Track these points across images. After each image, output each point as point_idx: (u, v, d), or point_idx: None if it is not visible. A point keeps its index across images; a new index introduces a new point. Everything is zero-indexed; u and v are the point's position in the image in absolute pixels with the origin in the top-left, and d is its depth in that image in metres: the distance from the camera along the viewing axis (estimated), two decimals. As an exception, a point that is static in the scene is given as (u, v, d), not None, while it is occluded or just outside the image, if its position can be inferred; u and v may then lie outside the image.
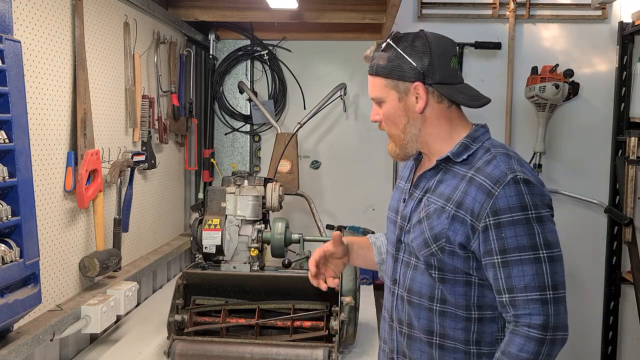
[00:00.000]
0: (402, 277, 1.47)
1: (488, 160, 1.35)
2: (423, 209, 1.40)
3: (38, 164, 1.72)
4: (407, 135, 1.42)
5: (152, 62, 2.68)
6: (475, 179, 1.32)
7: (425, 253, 1.38)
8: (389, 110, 1.42)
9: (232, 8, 3.15)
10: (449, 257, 1.35)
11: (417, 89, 1.37)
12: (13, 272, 1.47)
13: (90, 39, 2.04)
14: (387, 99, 1.41)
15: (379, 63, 1.40)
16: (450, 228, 1.33)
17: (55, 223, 1.84)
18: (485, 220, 1.29)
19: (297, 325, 2.03)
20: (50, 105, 1.80)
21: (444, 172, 1.41)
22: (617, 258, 3.42)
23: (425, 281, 1.40)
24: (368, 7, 3.11)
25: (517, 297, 1.27)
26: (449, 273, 1.37)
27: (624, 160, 3.30)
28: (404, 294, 1.45)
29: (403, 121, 1.41)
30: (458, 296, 1.37)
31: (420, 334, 1.42)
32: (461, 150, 1.39)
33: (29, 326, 1.66)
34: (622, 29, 3.34)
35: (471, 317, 1.37)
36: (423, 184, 1.44)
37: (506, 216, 1.27)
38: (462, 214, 1.32)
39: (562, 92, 3.19)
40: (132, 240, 2.48)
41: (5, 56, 1.45)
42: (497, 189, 1.28)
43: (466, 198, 1.32)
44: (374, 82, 1.42)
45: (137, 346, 2.08)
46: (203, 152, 3.40)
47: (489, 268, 1.31)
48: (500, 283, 1.29)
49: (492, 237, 1.28)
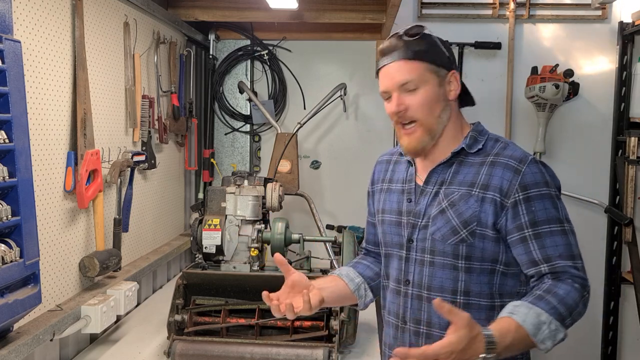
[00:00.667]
0: (418, 275, 1.46)
1: (503, 147, 1.44)
2: (444, 199, 1.42)
3: (38, 164, 1.72)
4: (439, 124, 1.43)
5: (152, 62, 2.68)
6: (499, 160, 1.40)
7: (453, 241, 1.40)
8: (429, 95, 1.40)
9: (232, 8, 3.15)
10: (479, 241, 1.38)
11: (454, 76, 1.43)
12: (13, 272, 1.47)
13: (90, 39, 2.04)
14: (428, 84, 1.40)
15: (416, 48, 1.40)
16: (481, 210, 1.37)
17: (55, 223, 1.84)
18: (515, 195, 1.35)
19: (297, 325, 2.03)
20: (50, 105, 1.80)
21: (458, 164, 1.45)
22: (617, 258, 3.42)
23: (447, 275, 1.42)
24: (368, 7, 3.11)
25: (556, 264, 1.33)
26: (476, 261, 1.40)
27: (624, 160, 3.30)
28: (422, 292, 1.45)
29: (440, 107, 1.42)
30: (483, 284, 1.40)
31: (441, 331, 1.40)
32: (472, 143, 1.45)
33: (29, 326, 1.66)
34: (622, 29, 3.34)
35: (494, 305, 1.40)
36: (435, 178, 1.46)
37: (534, 190, 1.35)
38: (490, 194, 1.37)
39: (562, 92, 3.19)
40: (132, 240, 2.48)
41: (5, 56, 1.45)
42: (522, 166, 1.37)
43: (492, 179, 1.38)
44: (411, 66, 1.39)
45: (137, 346, 2.08)
46: (203, 152, 3.40)
47: (518, 243, 1.36)
48: (535, 254, 1.34)
49: (522, 211, 1.35)
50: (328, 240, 2.52)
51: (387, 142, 3.50)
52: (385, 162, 1.65)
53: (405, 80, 1.40)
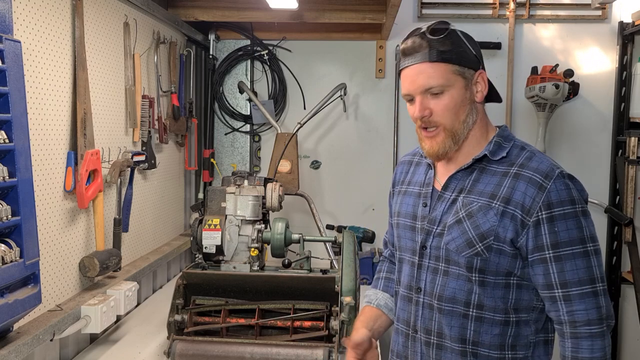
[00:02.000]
0: (430, 284, 1.40)
1: (529, 157, 1.34)
2: (461, 208, 1.35)
3: (38, 164, 1.72)
4: (464, 128, 1.36)
5: (152, 62, 2.68)
6: (523, 173, 1.31)
7: (467, 254, 1.33)
8: (454, 99, 1.32)
9: (232, 8, 3.15)
10: (495, 256, 1.31)
11: (482, 77, 1.35)
12: (13, 272, 1.47)
13: (90, 39, 2.04)
14: (454, 86, 1.32)
15: (441, 49, 1.31)
16: (500, 225, 1.30)
17: (55, 223, 1.84)
18: (537, 214, 1.28)
19: (297, 325, 2.02)
20: (50, 105, 1.80)
21: (479, 171, 1.37)
22: (617, 258, 3.42)
23: (460, 286, 1.35)
24: (368, 7, 3.11)
25: (571, 292, 1.27)
26: (490, 275, 1.33)
27: (624, 160, 3.30)
28: (433, 301, 1.39)
29: (466, 110, 1.35)
30: (497, 299, 1.33)
31: (452, 343, 1.37)
32: (496, 149, 1.37)
33: (29, 326, 1.66)
34: (622, 29, 3.34)
35: (509, 320, 1.34)
36: (454, 185, 1.39)
37: (558, 209, 1.27)
38: (511, 210, 1.30)
39: (562, 92, 3.18)
40: (132, 240, 2.48)
41: (6, 56, 1.45)
42: (548, 182, 1.29)
43: (515, 193, 1.30)
44: (437, 69, 1.31)
45: (137, 346, 2.08)
46: (203, 152, 3.40)
47: (538, 264, 1.30)
48: (552, 278, 1.28)
49: (544, 231, 1.28)
50: (328, 240, 2.52)
51: (388, 142, 3.50)
52: (407, 163, 1.57)
53: (429, 85, 1.32)
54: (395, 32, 3.35)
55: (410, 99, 1.37)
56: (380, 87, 3.51)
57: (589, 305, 1.26)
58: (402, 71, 1.38)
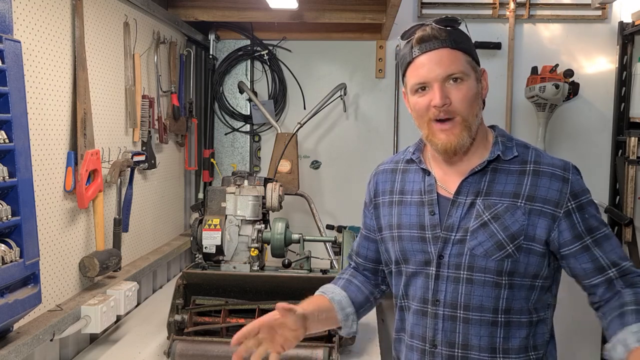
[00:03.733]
0: (451, 294, 1.33)
1: (538, 154, 1.37)
2: (484, 211, 1.31)
3: (38, 164, 1.72)
4: (476, 123, 1.33)
5: (152, 62, 2.68)
6: (542, 170, 1.33)
7: (498, 257, 1.30)
8: (471, 89, 1.30)
9: (232, 8, 3.15)
10: (524, 256, 1.30)
11: (485, 74, 1.38)
12: (13, 272, 1.47)
13: (90, 39, 2.04)
14: (470, 78, 1.31)
15: (458, 38, 1.31)
16: (529, 223, 1.30)
17: (55, 223, 1.84)
18: (567, 205, 1.31)
19: (297, 325, 2.02)
20: (50, 105, 1.80)
21: (492, 172, 1.34)
22: (617, 258, 3.42)
23: (488, 293, 1.31)
24: (368, 7, 3.11)
25: (624, 266, 1.31)
26: (518, 277, 1.32)
27: (624, 160, 3.30)
28: (457, 312, 1.33)
29: (478, 104, 1.34)
30: (522, 300, 1.33)
31: (481, 354, 1.32)
32: (505, 149, 1.36)
33: (29, 326, 1.66)
34: (622, 29, 3.34)
35: (532, 321, 1.35)
36: (467, 189, 1.34)
37: (583, 198, 1.34)
38: (538, 206, 1.30)
39: (562, 92, 3.18)
40: (132, 240, 2.48)
41: (6, 56, 1.45)
42: (569, 174, 1.33)
43: (539, 190, 1.31)
44: (457, 56, 1.29)
45: (137, 346, 2.08)
46: (203, 152, 3.40)
47: (580, 253, 1.31)
48: (602, 261, 1.31)
49: (577, 219, 1.31)
50: (328, 240, 2.52)
51: (388, 141, 3.50)
52: (390, 172, 1.49)
53: (452, 72, 1.28)
54: (395, 32, 3.34)
55: (422, 87, 1.31)
56: (380, 87, 3.51)
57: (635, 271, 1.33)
58: (415, 60, 1.32)
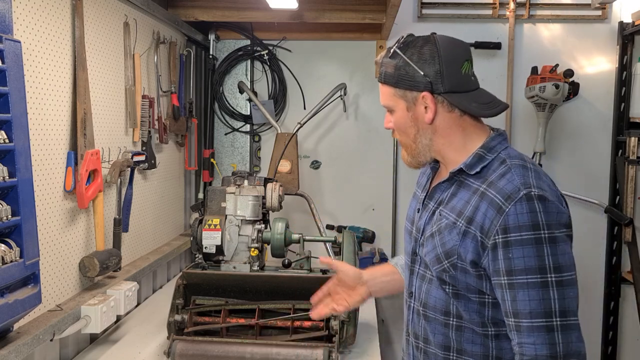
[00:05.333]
0: (418, 290, 1.42)
1: (502, 174, 1.27)
2: (435, 222, 1.35)
3: (38, 164, 1.72)
4: (418, 145, 1.37)
5: (152, 62, 2.68)
6: (487, 194, 1.25)
7: (437, 269, 1.33)
8: (399, 119, 1.38)
9: (232, 8, 3.15)
10: (461, 274, 1.29)
11: (425, 99, 1.31)
12: (13, 272, 1.47)
13: (90, 39, 2.04)
14: (397, 108, 1.37)
15: (387, 71, 1.35)
16: (461, 245, 1.26)
17: (55, 223, 1.84)
18: (494, 237, 1.21)
19: (297, 325, 2.03)
20: (50, 105, 1.80)
21: (458, 184, 1.34)
22: (617, 258, 3.42)
23: (440, 296, 1.35)
24: (368, 7, 3.11)
25: (521, 323, 1.19)
26: (463, 290, 1.31)
27: (624, 160, 3.30)
28: (420, 308, 1.41)
29: (413, 131, 1.36)
30: (472, 313, 1.31)
31: (437, 350, 1.37)
32: (475, 162, 1.31)
33: (29, 326, 1.66)
34: (622, 29, 3.34)
35: (488, 334, 1.31)
36: (437, 196, 1.39)
37: (515, 235, 1.19)
38: (472, 230, 1.25)
39: (562, 92, 3.18)
40: (132, 240, 2.48)
41: (6, 56, 1.45)
42: (508, 205, 1.20)
43: (477, 214, 1.25)
44: (383, 90, 1.39)
45: (137, 346, 2.08)
46: (203, 152, 3.40)
47: (497, 288, 1.24)
48: (506, 305, 1.22)
49: (500, 256, 1.21)
50: (328, 240, 2.52)
51: (388, 141, 3.50)
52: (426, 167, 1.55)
53: (383, 104, 1.41)
54: (395, 32, 3.35)
55: None
56: (380, 87, 3.51)
57: (538, 340, 1.17)
58: None
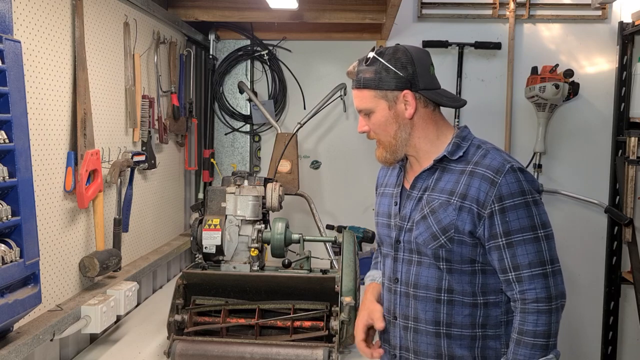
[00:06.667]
0: (405, 274, 1.56)
1: (483, 155, 1.48)
2: (425, 205, 1.50)
3: (38, 164, 1.72)
4: (398, 141, 1.53)
5: (152, 62, 2.68)
6: (477, 171, 1.44)
7: (433, 246, 1.47)
8: (380, 119, 1.51)
9: (232, 8, 3.16)
10: (457, 247, 1.45)
11: (405, 97, 1.49)
12: (13, 272, 1.47)
13: (90, 39, 2.04)
14: (377, 109, 1.50)
15: (365, 76, 1.50)
16: (458, 219, 1.44)
17: (55, 223, 1.84)
18: (491, 206, 1.41)
19: (297, 325, 2.03)
20: (50, 105, 1.80)
21: (440, 170, 1.51)
22: (617, 258, 3.42)
23: (432, 274, 1.50)
24: (368, 7, 3.11)
25: (522, 274, 1.40)
26: (456, 263, 1.47)
27: (624, 160, 3.30)
28: (409, 290, 1.54)
29: (394, 127, 1.51)
30: (465, 284, 1.48)
31: (427, 326, 1.51)
32: (455, 149, 1.50)
33: (29, 326, 1.66)
34: (622, 29, 3.34)
35: (477, 303, 1.48)
36: (420, 184, 1.54)
37: (509, 201, 1.40)
38: (467, 204, 1.43)
39: (562, 92, 3.18)
40: (132, 240, 2.48)
41: (5, 56, 1.45)
42: (499, 177, 1.41)
43: (470, 189, 1.43)
44: (362, 94, 1.51)
45: (137, 346, 2.08)
46: (203, 152, 3.40)
47: (493, 250, 1.43)
48: (506, 262, 1.41)
49: (497, 221, 1.41)
50: (328, 240, 2.52)
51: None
52: (386, 168, 1.74)
53: (359, 108, 1.54)
54: (395, 32, 3.35)
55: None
56: (380, 87, 3.51)
57: (537, 285, 1.39)
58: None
